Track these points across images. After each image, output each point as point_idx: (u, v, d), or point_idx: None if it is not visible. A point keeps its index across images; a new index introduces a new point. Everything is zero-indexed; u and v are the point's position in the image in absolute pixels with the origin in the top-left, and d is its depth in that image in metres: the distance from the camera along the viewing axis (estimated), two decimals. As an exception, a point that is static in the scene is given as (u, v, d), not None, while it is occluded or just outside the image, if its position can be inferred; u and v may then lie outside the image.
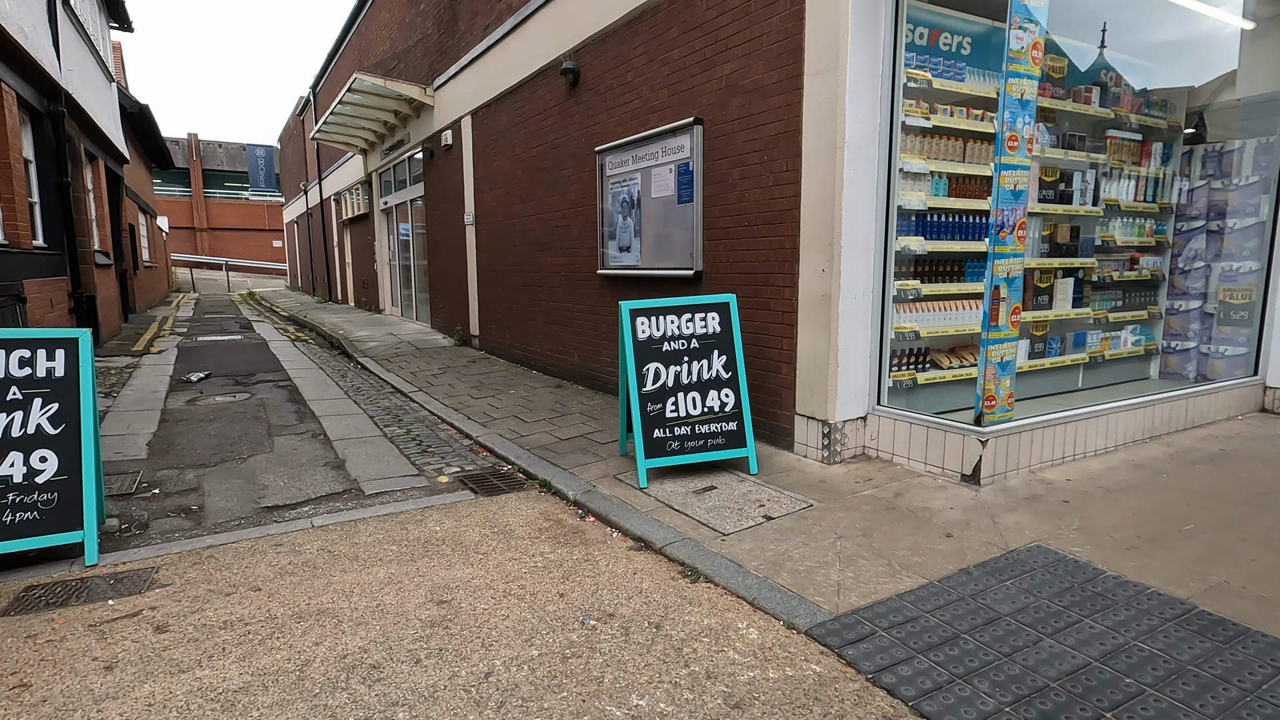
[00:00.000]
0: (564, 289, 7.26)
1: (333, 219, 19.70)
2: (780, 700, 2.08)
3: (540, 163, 7.52)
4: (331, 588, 2.88)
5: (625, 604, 2.70)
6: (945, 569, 2.86)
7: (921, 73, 4.16)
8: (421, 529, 3.52)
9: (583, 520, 3.65)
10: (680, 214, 5.36)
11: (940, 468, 3.95)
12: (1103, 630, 2.38)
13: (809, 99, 4.13)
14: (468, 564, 3.10)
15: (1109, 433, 4.38)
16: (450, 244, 10.56)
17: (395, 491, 4.13)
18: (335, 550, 3.26)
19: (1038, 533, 3.19)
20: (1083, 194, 5.07)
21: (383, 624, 2.57)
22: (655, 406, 4.05)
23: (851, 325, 4.16)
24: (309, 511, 3.81)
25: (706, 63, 4.95)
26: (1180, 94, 5.60)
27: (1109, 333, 5.48)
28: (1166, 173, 5.57)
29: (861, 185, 4.07)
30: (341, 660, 2.33)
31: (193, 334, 12.44)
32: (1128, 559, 2.92)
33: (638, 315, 4.10)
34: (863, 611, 2.54)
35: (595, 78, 6.35)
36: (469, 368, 8.30)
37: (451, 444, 5.22)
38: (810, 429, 4.31)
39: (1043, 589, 2.67)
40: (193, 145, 36.19)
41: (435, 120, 10.54)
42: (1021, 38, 3.53)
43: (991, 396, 3.78)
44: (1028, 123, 3.65)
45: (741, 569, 2.91)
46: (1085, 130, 5.04)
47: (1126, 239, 5.41)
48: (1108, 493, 3.69)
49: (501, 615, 2.63)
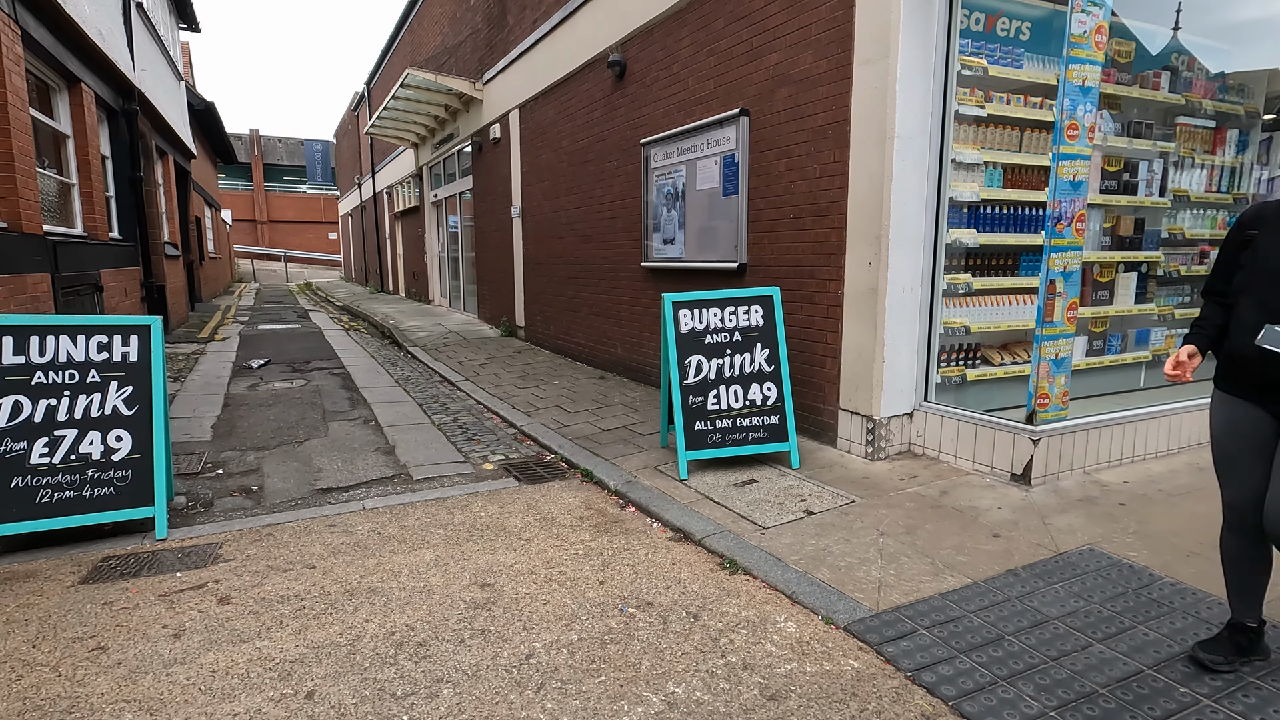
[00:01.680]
0: (608, 281, 7.31)
1: (385, 211, 20.22)
2: (816, 694, 2.08)
3: (586, 155, 7.57)
4: (381, 568, 2.99)
5: (664, 593, 2.73)
6: (991, 569, 2.80)
7: (977, 59, 4.03)
8: (467, 514, 3.62)
9: (623, 510, 3.69)
10: (725, 206, 5.33)
11: (989, 466, 3.86)
12: (1158, 638, 2.30)
13: (858, 88, 4.05)
14: (510, 549, 3.17)
15: (1171, 434, 4.20)
16: (497, 236, 10.73)
17: (442, 477, 4.25)
18: (385, 532, 3.38)
19: (1091, 535, 3.09)
20: (1148, 184, 4.84)
21: (429, 604, 2.66)
22: (697, 399, 4.06)
23: (898, 320, 4.08)
24: (360, 494, 3.95)
25: (753, 53, 4.90)
26: (1260, 77, 5.29)
27: (1175, 330, 5.23)
28: (1242, 161, 5.27)
29: (911, 176, 3.98)
30: (390, 637, 2.43)
31: (253, 323, 12.97)
32: (1187, 565, 2.81)
33: (680, 308, 4.11)
34: (904, 609, 2.51)
35: (641, 70, 6.35)
36: (514, 358, 8.44)
37: (497, 432, 5.33)
38: (854, 424, 4.26)
39: (1094, 593, 2.59)
40: (254, 140, 37.58)
41: (484, 114, 10.71)
42: (1084, 21, 3.39)
43: (1045, 394, 3.67)
44: (1089, 110, 3.51)
45: (781, 562, 2.90)
46: (1153, 117, 4.80)
47: (1196, 231, 5.15)
48: (1168, 496, 3.54)
49: (542, 600, 2.69)
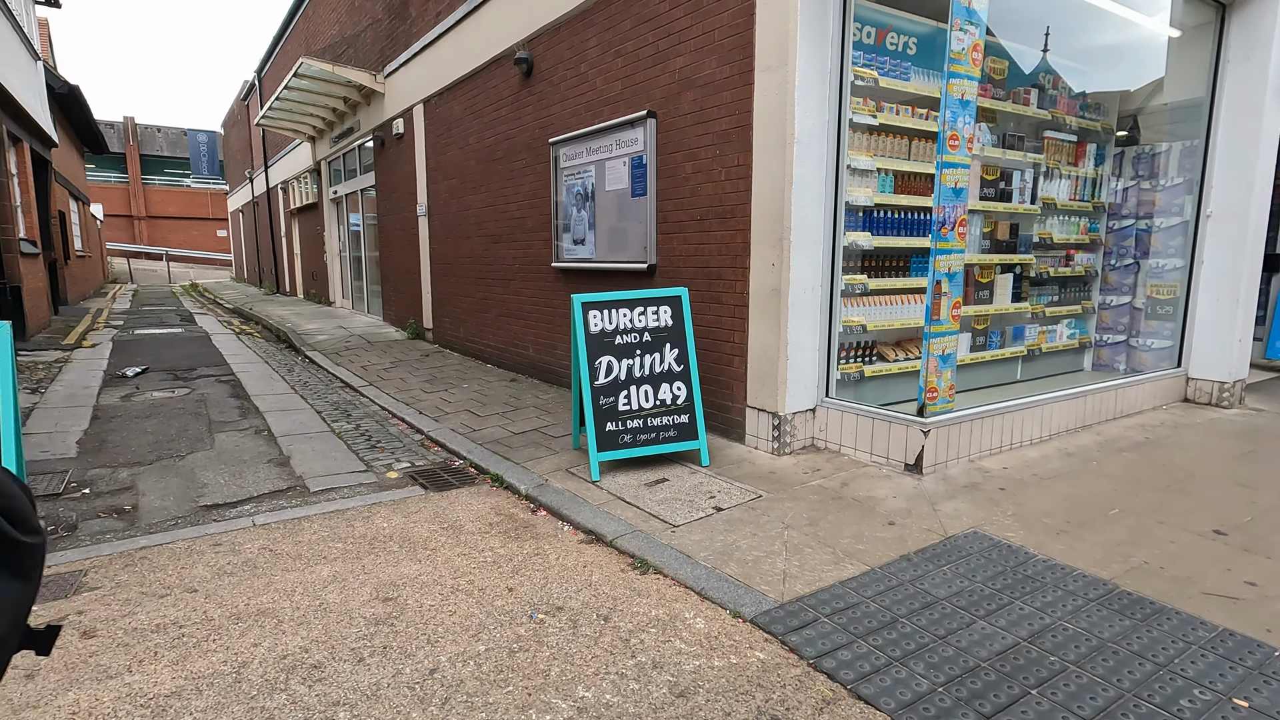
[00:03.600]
0: (519, 282, 7.20)
1: (280, 208, 19.08)
2: (724, 687, 2.12)
3: (494, 153, 7.42)
4: (273, 587, 2.80)
5: (574, 597, 2.70)
6: (887, 556, 2.94)
7: (869, 71, 4.24)
8: (368, 526, 3.46)
9: (534, 514, 3.63)
10: (634, 207, 5.36)
11: (885, 458, 4.06)
12: (1032, 611, 2.49)
13: (759, 94, 4.17)
14: (415, 560, 3.06)
15: (1044, 422, 4.56)
16: (402, 235, 10.34)
17: (342, 488, 4.05)
18: (277, 549, 3.18)
19: (975, 519, 3.31)
20: (1022, 192, 5.25)
21: (325, 623, 2.52)
22: (607, 400, 4.05)
23: (801, 319, 4.23)
24: (250, 510, 3.70)
25: (659, 56, 4.95)
26: (1113, 98, 5.85)
27: (1046, 326, 5.70)
28: (1100, 173, 5.81)
29: (810, 181, 4.13)
30: (281, 661, 2.28)
31: (129, 327, 11.92)
32: (1057, 543, 3.06)
33: (590, 308, 4.09)
34: (807, 599, 2.59)
35: (549, 68, 6.29)
36: (422, 362, 8.16)
37: (402, 439, 5.13)
38: (761, 421, 4.38)
39: (977, 573, 2.78)
40: (129, 129, 34.54)
41: (386, 108, 10.29)
42: (962, 39, 3.63)
43: (933, 388, 3.90)
44: (968, 122, 3.76)
45: (691, 560, 2.94)
46: (1025, 131, 5.21)
47: (1062, 236, 5.63)
48: (1041, 480, 3.85)
49: (448, 611, 2.60)
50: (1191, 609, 2.50)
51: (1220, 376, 5.51)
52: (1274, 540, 3.07)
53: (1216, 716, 1.94)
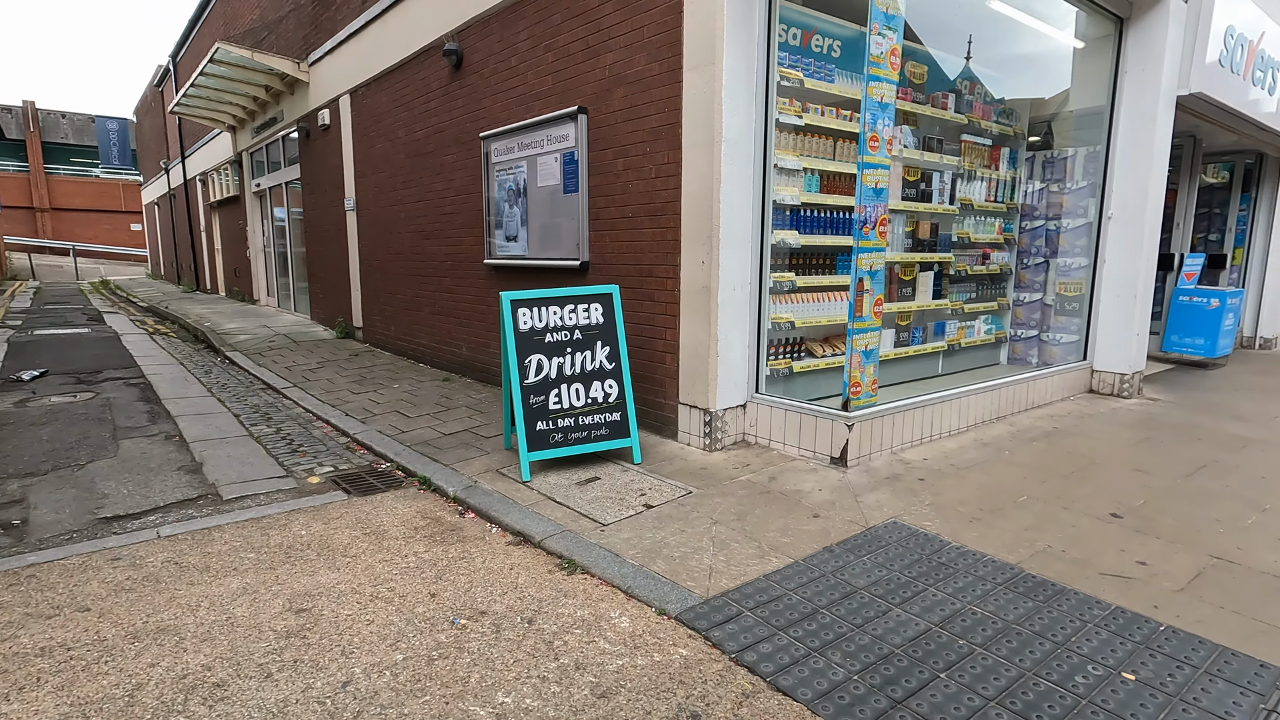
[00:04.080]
0: (451, 279, 7.04)
1: (199, 201, 18.11)
2: (646, 686, 2.11)
3: (424, 147, 7.23)
4: (175, 603, 2.65)
5: (499, 600, 2.66)
6: (811, 548, 3.01)
7: (794, 72, 4.31)
8: (285, 534, 3.31)
9: (462, 517, 3.55)
10: (566, 204, 5.31)
11: (813, 452, 4.15)
12: (944, 597, 2.59)
13: (688, 92, 4.19)
14: (333, 569, 2.94)
15: (961, 414, 4.76)
16: (330, 230, 9.97)
17: (258, 495, 3.86)
18: (183, 561, 3.01)
19: (895, 510, 3.42)
20: (941, 193, 5.46)
21: (231, 638, 2.39)
22: (538, 399, 4.00)
23: (731, 316, 4.28)
24: (156, 521, 3.49)
25: (590, 51, 4.91)
26: (1025, 104, 6.14)
27: (965, 322, 5.95)
28: (1013, 176, 6.10)
29: (738, 180, 4.18)
30: (180, 681, 2.15)
31: (29, 327, 11.09)
32: (970, 530, 3.19)
33: (519, 306, 4.03)
34: (731, 594, 2.62)
35: (480, 61, 6.16)
36: (351, 361, 7.89)
37: (326, 442, 4.94)
38: (693, 417, 4.41)
39: (895, 562, 2.87)
40: (29, 114, 32.15)
41: (311, 98, 9.89)
42: (881, 43, 3.73)
43: (857, 383, 4.01)
44: (888, 124, 3.87)
45: (619, 558, 2.93)
46: (944, 134, 5.42)
47: (979, 236, 5.88)
48: (958, 470, 4.01)
49: (366, 620, 2.51)
50: (1089, 589, 2.65)
51: (1121, 369, 5.87)
52: (1163, 522, 3.29)
53: (1106, 690, 2.05)
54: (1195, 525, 3.25)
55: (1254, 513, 3.41)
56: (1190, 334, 7.26)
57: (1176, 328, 7.36)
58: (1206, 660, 2.19)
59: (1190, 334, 7.26)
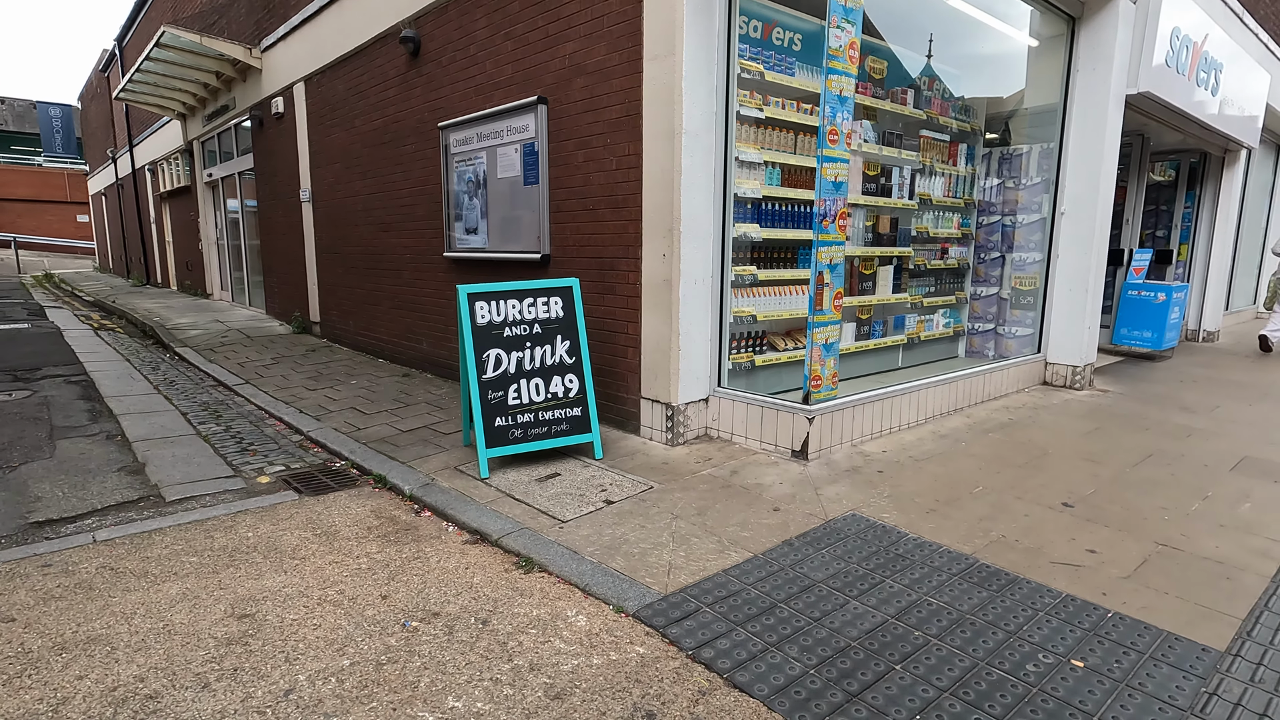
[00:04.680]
0: (410, 272, 6.88)
1: (148, 191, 17.44)
2: (601, 686, 2.08)
3: (382, 137, 7.05)
4: (109, 611, 2.52)
5: (453, 601, 2.59)
6: (770, 542, 3.00)
7: (755, 64, 4.29)
8: (230, 536, 3.19)
9: (418, 515, 3.47)
10: (527, 196, 5.22)
11: (774, 445, 4.16)
12: (900, 589, 2.60)
13: (649, 83, 4.14)
14: (280, 571, 2.84)
15: (920, 407, 4.82)
16: (285, 222, 9.68)
17: (204, 496, 3.72)
18: (119, 567, 2.87)
19: (854, 502, 3.44)
20: (901, 188, 5.51)
21: (168, 647, 2.28)
22: (496, 394, 3.93)
23: (692, 310, 4.25)
24: (91, 525, 3.33)
25: (550, 40, 4.83)
26: (981, 102, 6.23)
27: (924, 316, 6.03)
28: (971, 172, 6.19)
29: (699, 172, 4.15)
30: (110, 694, 2.04)
31: (-38, 322, 10.55)
32: (927, 521, 3.22)
33: (476, 299, 3.95)
34: (690, 589, 2.60)
35: (437, 49, 6.01)
36: (307, 357, 7.68)
37: (279, 440, 4.78)
38: (655, 412, 4.38)
39: (853, 555, 2.88)
40: (-36, 99, 30.58)
41: (264, 85, 9.57)
42: (840, 36, 3.73)
43: (817, 376, 4.02)
44: (847, 118, 3.87)
45: (577, 555, 2.88)
46: (904, 130, 5.46)
47: (938, 231, 5.96)
48: (916, 461, 4.05)
49: (313, 625, 2.42)
50: (1040, 578, 2.69)
51: (1073, 361, 6.02)
52: (1112, 510, 3.37)
53: (1056, 678, 2.08)
54: (1142, 513, 3.33)
55: (1196, 500, 3.51)
56: (1138, 327, 7.48)
57: (1125, 321, 7.58)
58: (1151, 645, 2.24)
59: (1138, 327, 7.48)
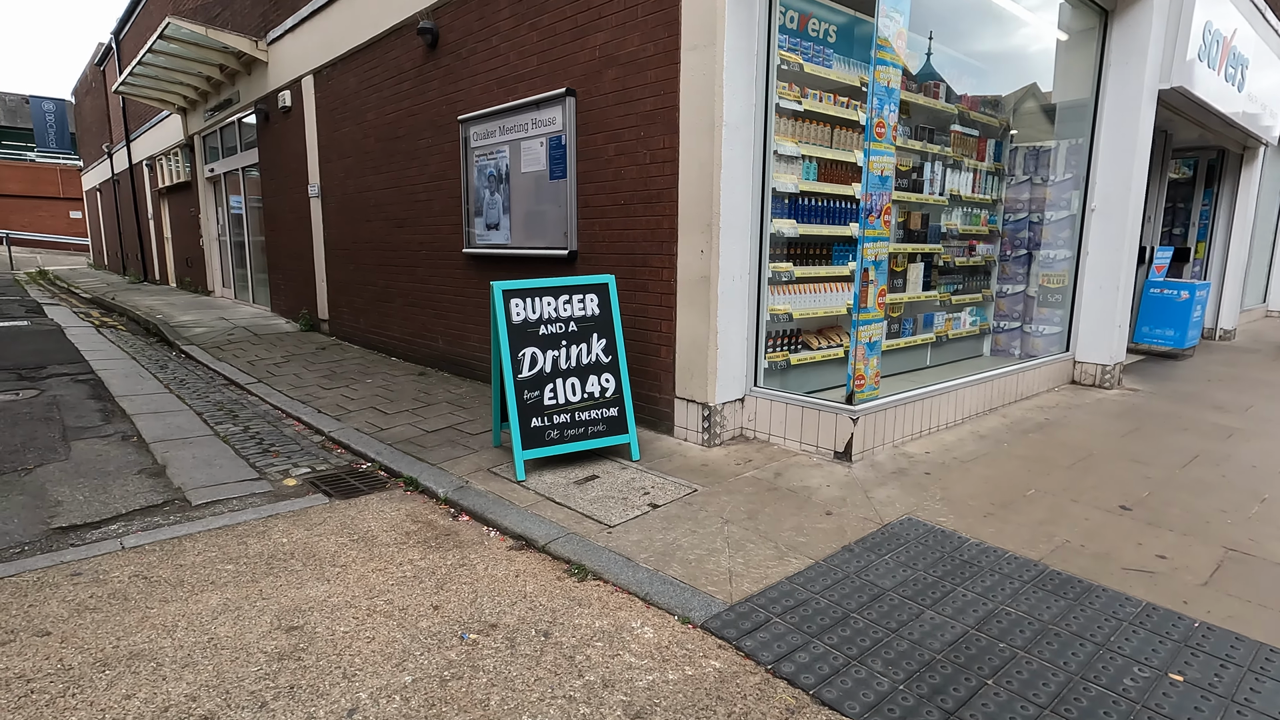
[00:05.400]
0: (426, 269, 6.75)
1: (146, 187, 17.21)
2: (683, 703, 1.97)
3: (396, 131, 6.91)
4: (149, 623, 2.40)
5: (509, 612, 2.48)
6: (829, 547, 2.90)
7: (794, 56, 4.19)
8: (265, 542, 3.07)
9: (456, 520, 3.35)
10: (553, 190, 5.09)
11: (815, 446, 4.06)
12: (974, 597, 2.50)
13: (686, 74, 4.03)
14: (323, 580, 2.72)
15: (957, 407, 4.72)
16: (292, 218, 9.52)
17: (231, 500, 3.59)
18: (153, 575, 2.75)
19: (907, 505, 3.34)
20: (932, 184, 5.41)
21: (216, 663, 2.16)
22: (532, 394, 3.81)
23: (730, 307, 4.15)
24: (118, 530, 3.20)
25: (579, 30, 4.70)
26: (1010, 96, 6.13)
27: (951, 314, 5.93)
28: (999, 168, 6.10)
29: (739, 165, 4.04)
30: (162, 715, 1.92)
31: (-40, 320, 10.35)
32: (986, 525, 3.12)
33: (512, 297, 3.83)
34: (756, 599, 2.49)
35: (457, 40, 5.88)
36: (318, 355, 7.54)
37: (299, 441, 4.65)
38: (690, 412, 4.27)
39: (918, 561, 2.78)
40: (-45, 93, 30.17)
41: (271, 78, 9.41)
42: (889, 25, 3.62)
43: (861, 376, 3.92)
44: (893, 110, 3.77)
45: (631, 562, 2.77)
46: (934, 124, 5.36)
47: (966, 228, 5.87)
48: (961, 463, 3.96)
49: (366, 638, 2.31)
50: (1115, 585, 2.59)
51: (1103, 360, 5.94)
52: (1171, 514, 3.28)
53: (1158, 693, 1.98)
54: (1203, 516, 3.25)
55: (1254, 503, 3.43)
56: (1161, 325, 7.42)
57: (1148, 319, 7.51)
58: (1249, 658, 2.14)
59: (1161, 325, 7.42)
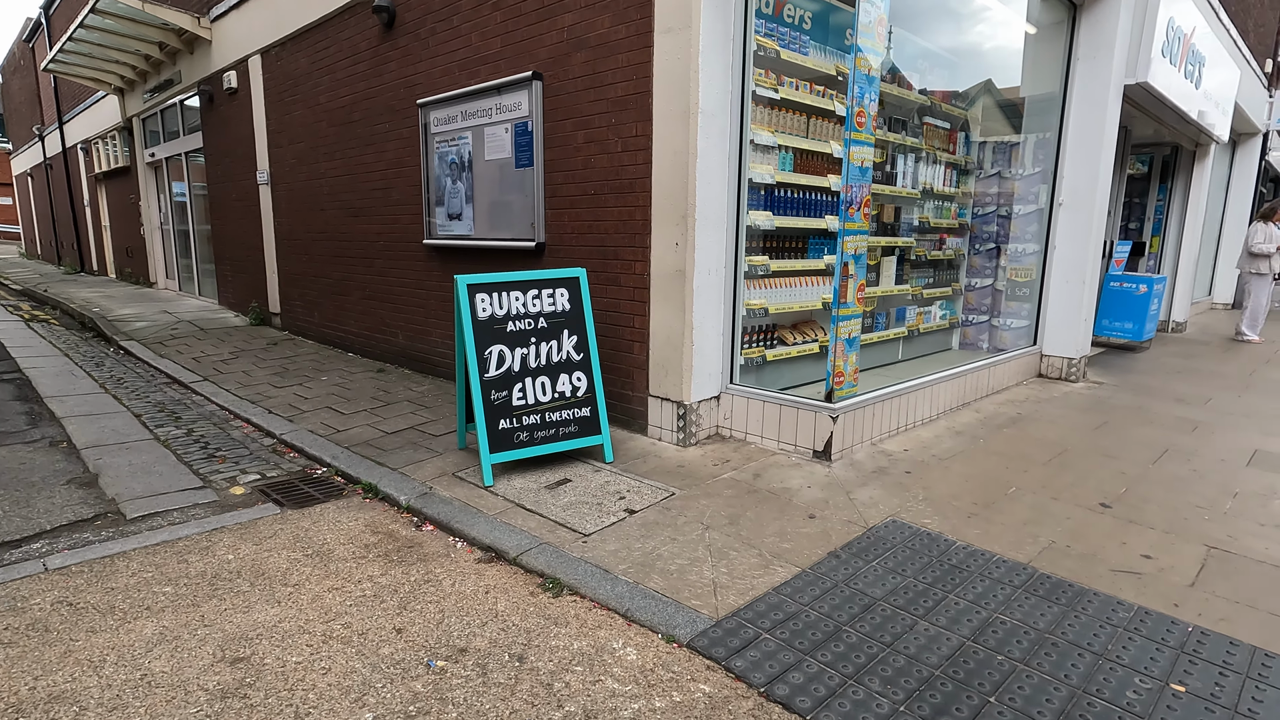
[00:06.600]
0: (384, 261, 6.45)
1: (82, 172, 16.27)
2: (671, 735, 1.82)
3: (350, 115, 6.56)
4: (73, 658, 2.15)
5: (479, 634, 2.29)
6: (815, 554, 2.78)
7: (770, 41, 4.05)
8: (208, 560, 2.81)
9: (419, 530, 3.14)
10: (519, 179, 4.87)
11: (794, 445, 3.95)
12: (967, 605, 2.41)
13: (660, 58, 3.85)
14: (273, 602, 2.49)
15: (932, 402, 4.68)
16: (240, 206, 9.04)
17: (171, 511, 3.31)
18: (80, 601, 2.48)
19: (891, 507, 3.25)
20: (904, 176, 5.35)
21: (150, 704, 1.93)
22: (500, 394, 3.61)
23: (706, 302, 4.00)
24: (41, 549, 2.90)
25: (545, 10, 4.48)
26: (981, 89, 6.12)
27: (922, 308, 5.91)
28: (969, 161, 6.08)
29: (714, 155, 3.89)
30: (84, 769, 1.70)
31: (-128, 313, 9.59)
32: (971, 527, 3.05)
33: (477, 291, 3.61)
34: (743, 613, 2.36)
35: (415, 20, 5.58)
36: (269, 351, 7.16)
37: (248, 445, 4.36)
38: (665, 411, 4.12)
39: (906, 567, 2.68)
40: None
41: (215, 58, 8.89)
42: (870, 11, 3.51)
43: (840, 372, 3.82)
44: (874, 100, 3.66)
45: (609, 575, 2.62)
46: (906, 116, 5.30)
47: (937, 221, 5.83)
48: (941, 461, 3.90)
49: (321, 669, 2.10)
50: (1106, 588, 2.54)
51: (1069, 353, 5.99)
52: (1150, 511, 3.26)
53: (1162, 706, 1.92)
54: (1180, 513, 3.24)
55: (1227, 498, 3.44)
56: (1120, 318, 7.56)
57: (1108, 312, 7.64)
58: (1247, 664, 2.10)
59: (1120, 318, 7.56)
